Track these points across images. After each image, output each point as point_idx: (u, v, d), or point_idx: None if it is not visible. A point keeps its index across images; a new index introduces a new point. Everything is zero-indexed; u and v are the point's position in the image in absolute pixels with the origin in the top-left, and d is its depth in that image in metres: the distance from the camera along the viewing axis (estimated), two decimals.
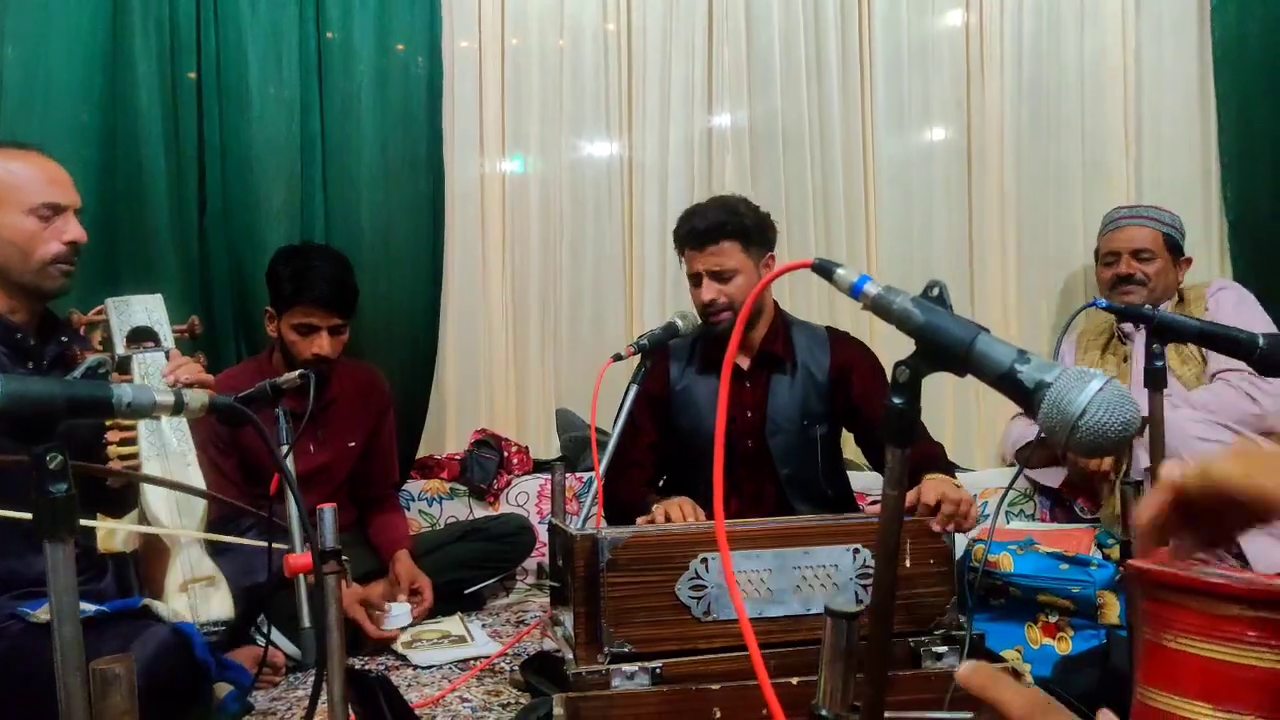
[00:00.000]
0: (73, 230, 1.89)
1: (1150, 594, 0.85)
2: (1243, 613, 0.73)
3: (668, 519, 2.15)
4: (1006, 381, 0.86)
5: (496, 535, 3.00)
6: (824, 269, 0.98)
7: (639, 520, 2.20)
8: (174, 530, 1.81)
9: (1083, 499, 3.00)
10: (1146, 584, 0.85)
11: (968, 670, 0.72)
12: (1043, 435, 2.51)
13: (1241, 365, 2.59)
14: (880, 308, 0.93)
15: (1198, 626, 0.76)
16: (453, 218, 3.35)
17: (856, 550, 1.83)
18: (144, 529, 1.82)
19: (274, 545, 1.60)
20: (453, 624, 2.65)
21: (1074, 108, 3.40)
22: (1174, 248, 2.92)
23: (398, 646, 2.49)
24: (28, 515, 0.81)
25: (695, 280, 2.47)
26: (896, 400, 0.92)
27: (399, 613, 2.59)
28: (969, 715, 1.35)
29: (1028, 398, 0.85)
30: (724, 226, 2.41)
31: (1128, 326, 2.96)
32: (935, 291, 0.91)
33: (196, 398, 0.94)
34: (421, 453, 3.35)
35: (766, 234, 2.50)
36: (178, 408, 0.92)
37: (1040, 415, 0.84)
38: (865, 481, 2.99)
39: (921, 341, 0.91)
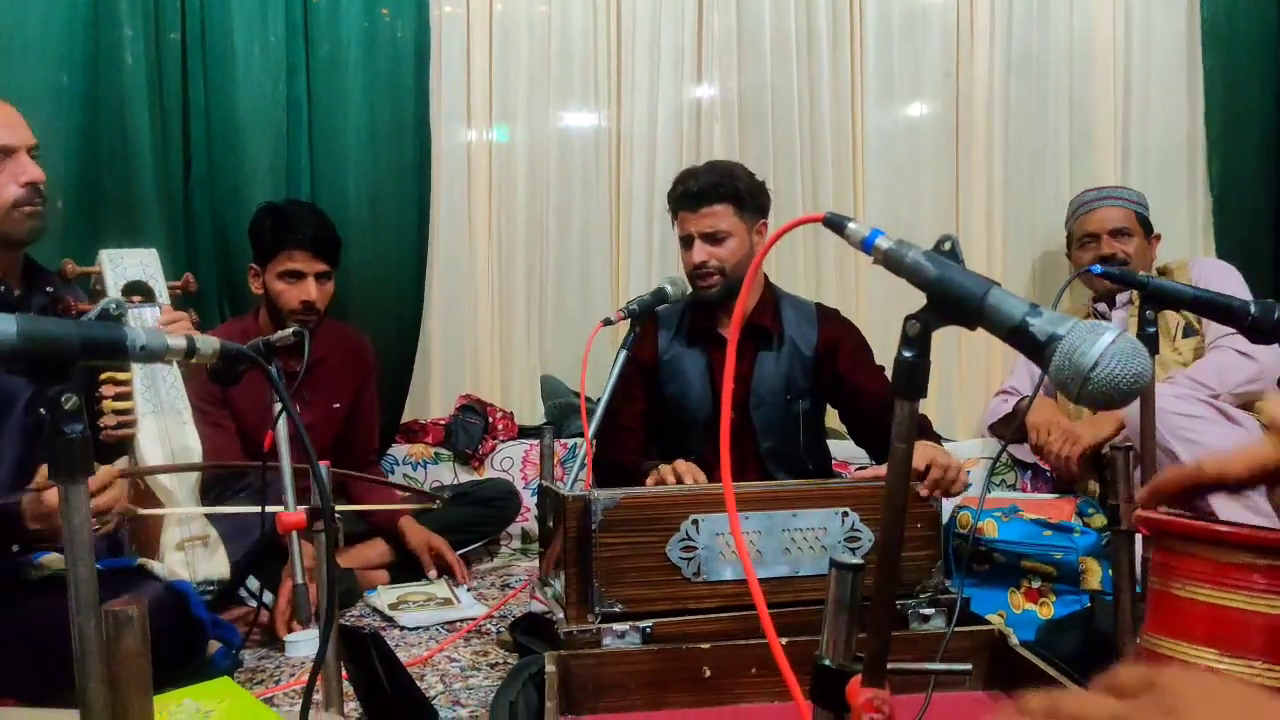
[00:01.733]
0: (29, 170, 1.81)
1: (1159, 543, 0.86)
2: (1252, 560, 0.75)
3: (677, 479, 2.15)
4: (1018, 335, 0.87)
5: (482, 500, 3.01)
6: (835, 223, 0.98)
7: (648, 482, 2.20)
8: (167, 510, 1.81)
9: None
10: (1156, 533, 0.86)
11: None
12: (1017, 409, 2.53)
13: (1228, 331, 2.64)
14: (892, 262, 0.94)
15: (1206, 574, 0.78)
16: (439, 183, 3.34)
17: (845, 514, 1.85)
18: (147, 512, 1.81)
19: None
20: (438, 587, 2.66)
21: (1062, 81, 3.41)
22: (1146, 225, 2.95)
23: (383, 608, 2.49)
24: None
25: (686, 242, 2.48)
26: (907, 354, 0.93)
27: (304, 638, 2.23)
28: (967, 666, 1.38)
29: (1039, 350, 0.85)
30: (718, 188, 2.42)
31: (1102, 306, 2.99)
32: (947, 245, 0.92)
33: (208, 343, 0.94)
34: (406, 417, 3.35)
35: (760, 200, 2.51)
36: (190, 352, 0.91)
37: (1052, 368, 0.84)
38: (848, 451, 3.01)
39: (933, 295, 0.91)
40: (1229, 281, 2.79)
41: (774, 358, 2.51)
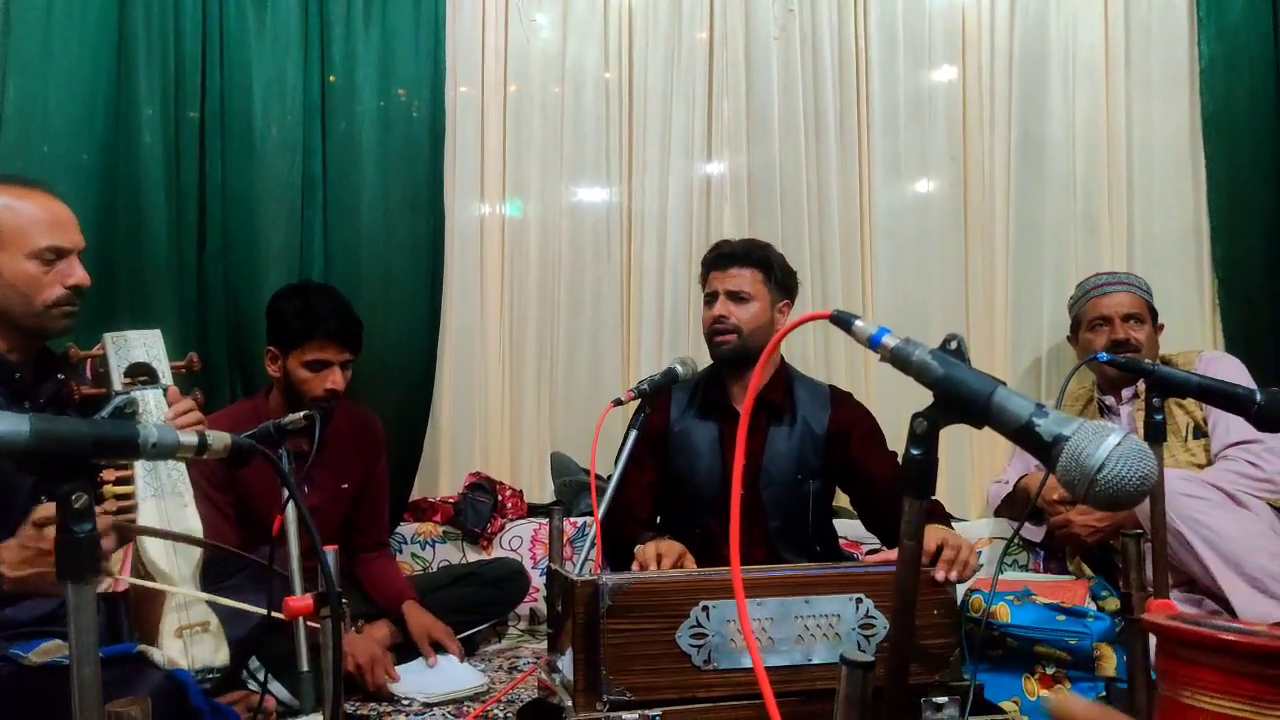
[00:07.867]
0: (76, 274, 1.89)
1: (1166, 649, 0.85)
2: (1261, 670, 0.74)
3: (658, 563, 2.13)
4: (1024, 435, 0.87)
5: (490, 580, 2.98)
6: (843, 320, 0.99)
7: (634, 566, 2.18)
8: (169, 588, 1.78)
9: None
10: (1163, 640, 0.85)
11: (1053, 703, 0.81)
12: (1018, 487, 2.50)
13: (1242, 437, 2.62)
14: (899, 359, 0.95)
15: (1215, 683, 0.76)
16: (452, 260, 3.38)
17: (859, 600, 1.82)
18: (142, 583, 1.79)
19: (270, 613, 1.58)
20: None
21: (1065, 166, 3.44)
22: (1153, 314, 2.96)
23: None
24: None
25: (710, 300, 2.52)
26: (914, 451, 0.93)
27: None
28: None
29: (1045, 450, 0.86)
30: (751, 254, 2.52)
31: (1109, 400, 2.96)
32: (953, 345, 0.93)
33: (219, 438, 0.94)
34: (415, 495, 3.34)
35: (789, 281, 2.59)
36: (201, 449, 0.92)
37: (1058, 468, 0.85)
38: (857, 531, 2.98)
39: (940, 394, 0.92)
40: (1239, 377, 2.78)
41: (785, 435, 2.51)
